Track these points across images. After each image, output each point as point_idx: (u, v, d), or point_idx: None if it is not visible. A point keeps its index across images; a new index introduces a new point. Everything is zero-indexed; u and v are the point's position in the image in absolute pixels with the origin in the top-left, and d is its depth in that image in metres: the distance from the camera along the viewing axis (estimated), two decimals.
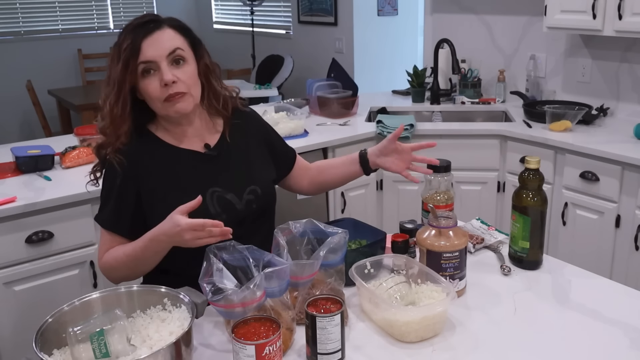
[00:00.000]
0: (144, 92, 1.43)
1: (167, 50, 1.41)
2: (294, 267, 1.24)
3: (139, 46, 1.39)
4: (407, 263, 1.39)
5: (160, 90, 1.41)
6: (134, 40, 1.39)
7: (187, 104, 1.44)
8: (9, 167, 2.44)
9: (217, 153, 1.54)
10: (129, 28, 1.42)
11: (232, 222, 1.46)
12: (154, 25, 1.42)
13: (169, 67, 1.40)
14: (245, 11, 5.60)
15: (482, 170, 3.03)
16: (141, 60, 1.39)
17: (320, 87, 3.48)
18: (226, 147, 1.57)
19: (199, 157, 1.53)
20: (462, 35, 3.73)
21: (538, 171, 1.53)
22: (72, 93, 5.08)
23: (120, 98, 1.41)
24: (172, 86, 1.40)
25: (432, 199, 1.61)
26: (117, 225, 1.47)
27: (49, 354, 1.09)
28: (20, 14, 5.80)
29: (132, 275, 1.47)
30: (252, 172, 1.57)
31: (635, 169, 2.48)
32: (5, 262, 2.09)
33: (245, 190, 1.54)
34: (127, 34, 1.41)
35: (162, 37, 1.41)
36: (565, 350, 1.22)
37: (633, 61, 3.05)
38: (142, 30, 1.40)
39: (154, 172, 1.48)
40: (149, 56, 1.39)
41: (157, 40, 1.40)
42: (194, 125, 1.53)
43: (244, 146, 1.60)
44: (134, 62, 1.39)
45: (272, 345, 1.08)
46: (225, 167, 1.54)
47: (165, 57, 1.40)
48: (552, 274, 1.54)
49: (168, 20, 1.46)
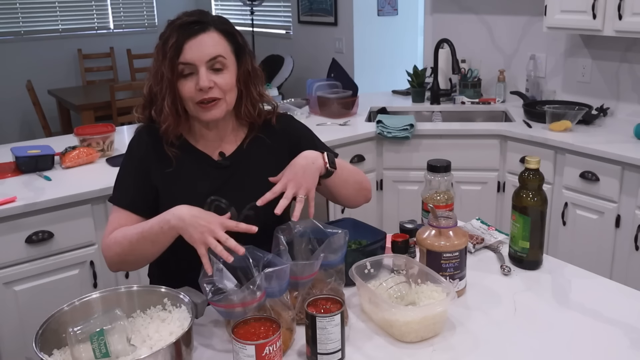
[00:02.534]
0: (179, 90, 1.42)
1: (209, 56, 1.39)
2: (294, 267, 1.24)
3: (182, 47, 1.38)
4: (407, 263, 1.39)
5: (195, 92, 1.40)
6: (178, 39, 1.38)
7: (220, 111, 1.44)
8: (9, 167, 2.44)
9: (230, 163, 1.52)
10: (176, 25, 1.40)
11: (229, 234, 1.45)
12: (199, 28, 1.39)
13: (207, 72, 1.39)
14: (245, 11, 5.61)
15: (482, 170, 3.03)
16: (181, 61, 1.38)
17: (320, 87, 3.48)
18: (241, 159, 1.53)
19: (211, 163, 1.51)
20: (462, 35, 3.73)
21: (538, 171, 1.53)
22: (72, 93, 5.09)
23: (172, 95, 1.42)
24: (207, 91, 1.40)
25: (432, 199, 1.61)
26: (133, 204, 1.45)
27: (49, 354, 1.09)
28: (20, 14, 5.80)
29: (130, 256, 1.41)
30: (261, 189, 1.46)
31: (635, 169, 2.48)
32: (5, 262, 2.09)
33: (246, 205, 1.47)
34: (172, 30, 1.40)
35: (205, 41, 1.39)
36: (565, 351, 1.22)
37: (633, 61, 3.05)
38: (187, 30, 1.39)
39: (163, 165, 1.48)
40: (189, 59, 1.38)
41: (201, 44, 1.39)
42: (219, 129, 1.51)
43: (261, 160, 1.54)
44: (176, 61, 1.39)
45: (272, 345, 1.08)
46: (234, 179, 1.51)
47: (205, 62, 1.39)
48: (552, 274, 1.54)
49: (215, 23, 1.43)
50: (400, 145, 3.04)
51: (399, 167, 3.08)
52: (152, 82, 1.44)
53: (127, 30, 6.40)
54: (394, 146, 3.04)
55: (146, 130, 1.51)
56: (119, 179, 1.51)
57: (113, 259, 1.43)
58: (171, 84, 1.40)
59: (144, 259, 1.43)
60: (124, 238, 1.39)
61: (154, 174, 1.47)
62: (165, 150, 1.47)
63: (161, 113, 1.44)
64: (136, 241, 1.37)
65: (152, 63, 1.45)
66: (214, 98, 1.41)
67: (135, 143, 1.52)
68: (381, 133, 2.99)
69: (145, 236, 1.35)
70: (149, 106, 1.48)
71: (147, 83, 1.47)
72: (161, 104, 1.43)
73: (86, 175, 2.37)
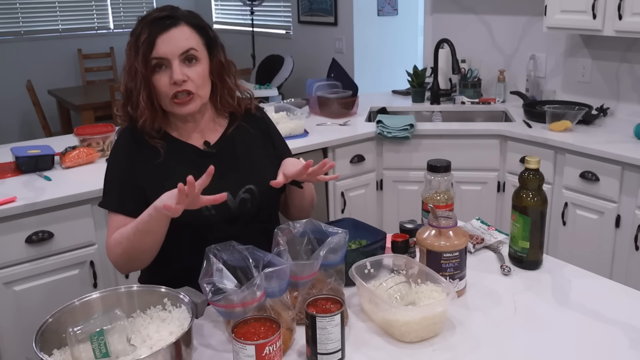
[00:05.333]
0: (154, 85, 1.45)
1: (181, 49, 1.42)
2: (294, 267, 1.24)
3: (154, 41, 1.41)
4: (407, 263, 1.39)
5: (169, 86, 1.43)
6: (150, 34, 1.41)
7: (194, 105, 1.47)
8: (9, 167, 2.44)
9: (216, 151, 1.55)
10: (147, 20, 1.43)
11: (223, 220, 1.47)
12: (171, 22, 1.42)
13: (180, 65, 1.42)
14: (245, 11, 5.61)
15: (482, 170, 3.03)
16: (154, 56, 1.41)
17: (320, 87, 3.48)
18: (226, 145, 1.57)
19: (197, 152, 1.54)
20: (462, 35, 3.73)
21: (538, 171, 1.53)
22: (72, 93, 5.09)
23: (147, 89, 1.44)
24: (181, 84, 1.42)
25: (432, 199, 1.61)
26: (124, 207, 1.48)
27: (49, 354, 1.09)
28: (20, 14, 5.80)
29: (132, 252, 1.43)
30: (252, 171, 1.57)
31: (635, 169, 2.48)
32: (5, 262, 2.09)
33: (240, 188, 1.53)
34: (144, 26, 1.42)
35: (177, 35, 1.42)
36: (565, 351, 1.22)
37: (633, 61, 3.05)
38: (158, 25, 1.42)
39: (150, 160, 1.49)
40: (162, 53, 1.41)
41: (172, 38, 1.42)
42: (196, 121, 1.55)
43: (246, 146, 1.60)
44: (149, 56, 1.41)
45: (272, 345, 1.08)
46: (223, 165, 1.53)
47: (178, 55, 1.42)
48: (552, 274, 1.54)
49: (185, 17, 1.46)
50: (400, 145, 3.04)
51: (399, 167, 3.08)
52: (127, 78, 1.46)
53: (127, 30, 6.36)
54: (394, 146, 3.04)
55: (128, 130, 1.53)
56: (107, 183, 1.53)
57: (118, 260, 1.46)
58: (145, 79, 1.43)
59: (147, 253, 1.45)
60: (122, 237, 1.42)
61: (140, 172, 1.49)
62: (150, 143, 1.49)
63: (137, 108, 1.46)
64: (133, 235, 1.40)
65: (125, 60, 1.47)
66: (188, 91, 1.44)
67: (118, 146, 1.54)
68: (381, 133, 2.99)
69: (140, 228, 1.39)
70: (127, 103, 1.50)
71: (122, 81, 1.49)
72: (137, 99, 1.45)
73: (86, 175, 2.37)
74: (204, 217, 1.47)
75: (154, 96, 1.46)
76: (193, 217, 1.43)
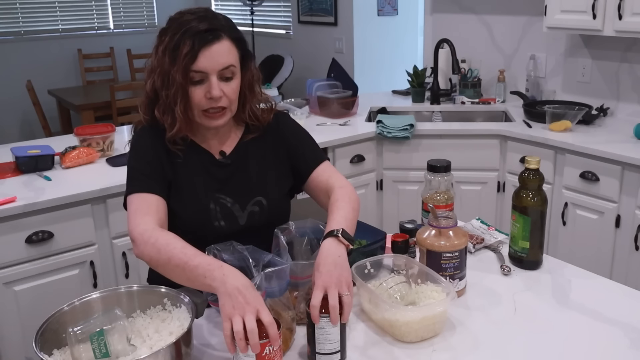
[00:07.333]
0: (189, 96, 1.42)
1: (222, 65, 1.39)
2: (294, 267, 1.24)
3: (197, 55, 1.36)
4: (407, 263, 1.39)
5: (205, 100, 1.40)
6: (194, 47, 1.36)
7: (224, 119, 1.45)
8: (9, 167, 2.44)
9: (231, 161, 1.53)
10: (190, 32, 1.37)
11: (232, 231, 1.45)
12: (213, 37, 1.38)
13: (217, 81, 1.39)
14: (245, 11, 5.61)
15: (482, 170, 3.03)
16: (194, 69, 1.37)
17: (320, 87, 3.48)
18: (240, 156, 1.54)
19: (213, 161, 1.52)
20: (462, 35, 3.73)
21: (538, 171, 1.53)
22: (72, 93, 5.09)
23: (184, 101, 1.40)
24: (217, 100, 1.40)
25: (432, 199, 1.61)
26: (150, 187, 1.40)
27: (49, 354, 1.09)
28: (20, 14, 5.79)
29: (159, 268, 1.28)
30: (263, 183, 1.53)
31: (635, 169, 2.48)
32: (5, 262, 2.09)
33: (250, 201, 1.51)
34: (186, 38, 1.36)
35: (219, 50, 1.38)
36: (565, 351, 1.22)
37: (633, 61, 3.05)
38: (202, 39, 1.37)
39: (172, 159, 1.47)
40: (202, 67, 1.37)
41: (214, 53, 1.38)
42: (218, 130, 1.52)
43: (259, 157, 1.56)
44: (190, 68, 1.37)
45: (272, 345, 1.08)
46: (236, 176, 1.52)
47: (217, 71, 1.39)
48: (552, 274, 1.54)
49: (225, 29, 1.41)
50: (400, 145, 3.04)
51: (399, 167, 3.08)
52: (158, 82, 1.42)
53: (127, 30, 6.40)
54: (394, 146, 3.04)
55: (148, 128, 1.49)
56: (132, 170, 1.45)
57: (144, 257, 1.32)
58: (184, 90, 1.39)
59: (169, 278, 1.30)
60: (166, 252, 1.25)
61: (167, 167, 1.46)
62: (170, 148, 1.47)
63: (169, 116, 1.43)
64: (174, 265, 1.23)
65: (155, 61, 1.42)
66: (222, 108, 1.42)
67: (141, 140, 1.49)
68: (381, 133, 2.99)
69: (185, 269, 1.21)
70: (152, 104, 1.46)
71: (149, 80, 1.45)
72: (172, 108, 1.42)
73: (86, 175, 2.37)
74: (213, 228, 1.46)
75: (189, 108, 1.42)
76: (202, 228, 1.42)
